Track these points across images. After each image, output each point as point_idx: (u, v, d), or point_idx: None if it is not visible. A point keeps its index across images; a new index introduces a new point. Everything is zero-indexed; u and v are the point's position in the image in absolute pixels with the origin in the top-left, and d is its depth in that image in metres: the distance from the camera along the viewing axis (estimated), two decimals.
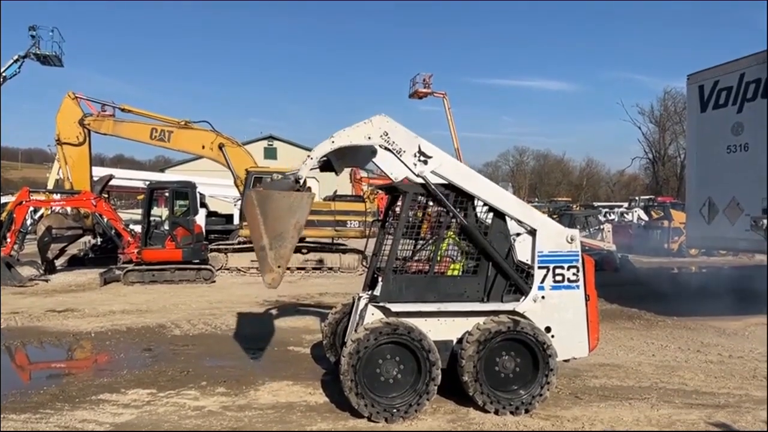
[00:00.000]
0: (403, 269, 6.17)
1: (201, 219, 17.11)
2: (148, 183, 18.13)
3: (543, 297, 5.93)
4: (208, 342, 8.84)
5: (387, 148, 5.77)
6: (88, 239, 19.20)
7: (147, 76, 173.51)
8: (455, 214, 5.85)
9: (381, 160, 5.82)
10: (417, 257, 6.53)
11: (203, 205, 20.01)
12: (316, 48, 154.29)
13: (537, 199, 66.09)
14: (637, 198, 47.37)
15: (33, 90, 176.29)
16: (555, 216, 22.24)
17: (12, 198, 21.94)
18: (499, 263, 5.87)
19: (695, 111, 12.37)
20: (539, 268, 5.96)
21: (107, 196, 21.36)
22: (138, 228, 16.40)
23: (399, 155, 5.79)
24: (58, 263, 17.38)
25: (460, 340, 5.78)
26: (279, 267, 5.46)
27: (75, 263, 18.24)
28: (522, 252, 5.99)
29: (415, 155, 5.81)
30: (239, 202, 19.47)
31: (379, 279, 6.06)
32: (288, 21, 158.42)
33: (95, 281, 14.52)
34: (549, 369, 5.65)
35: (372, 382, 5.49)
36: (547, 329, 5.87)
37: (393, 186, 6.61)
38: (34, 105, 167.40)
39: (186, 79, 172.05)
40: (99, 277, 14.54)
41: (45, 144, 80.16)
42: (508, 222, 5.99)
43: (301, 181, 5.70)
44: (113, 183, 21.66)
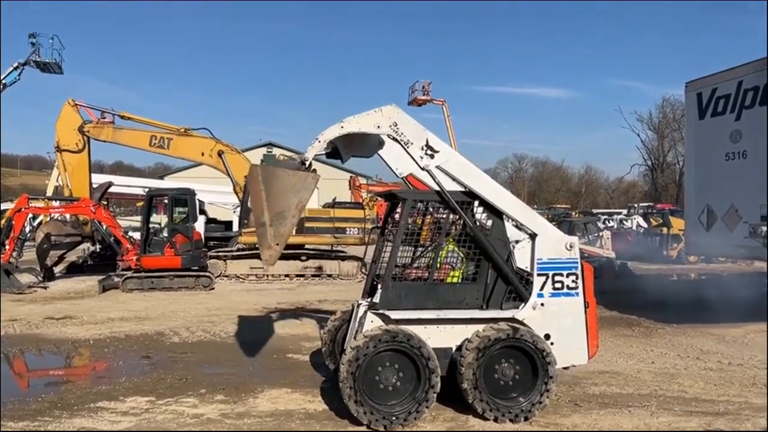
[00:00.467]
0: (403, 276, 6.17)
1: (200, 226, 17.11)
2: (147, 190, 18.15)
3: (542, 304, 5.93)
4: (207, 349, 8.82)
5: (395, 138, 5.78)
6: (87, 246, 19.18)
7: (147, 83, 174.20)
8: (459, 212, 5.81)
9: (387, 152, 5.83)
10: (416, 264, 6.52)
11: (202, 212, 20.04)
12: (315, 56, 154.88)
13: (536, 206, 65.88)
14: (636, 205, 47.53)
15: (32, 97, 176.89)
16: (554, 223, 22.22)
17: (11, 205, 21.90)
18: (501, 267, 5.86)
19: (693, 118, 12.40)
20: (538, 275, 5.96)
21: (106, 203, 21.41)
22: (137, 235, 16.41)
23: (406, 146, 5.79)
24: (56, 270, 17.36)
25: (459, 347, 5.77)
26: (278, 244, 5.47)
27: (74, 270, 18.21)
28: (520, 260, 5.99)
29: (423, 148, 5.82)
30: (238, 209, 19.48)
31: (379, 286, 6.06)
32: (288, 29, 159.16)
33: (94, 288, 14.49)
34: (548, 376, 5.64)
35: (371, 389, 5.47)
36: (547, 336, 5.86)
37: (392, 193, 6.62)
38: (33, 112, 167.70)
39: (185, 87, 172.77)
40: (98, 285, 14.51)
41: (44, 151, 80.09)
42: (507, 229, 6.00)
43: (307, 163, 5.68)
44: (112, 190, 21.71)
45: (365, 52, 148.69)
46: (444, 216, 6.07)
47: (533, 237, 6.00)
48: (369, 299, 6.28)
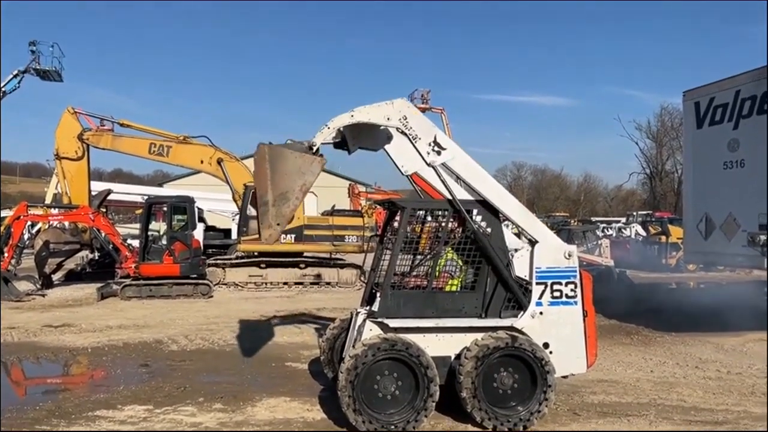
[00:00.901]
0: (402, 285, 6.17)
1: (199, 234, 17.12)
2: (146, 198, 18.20)
3: (541, 313, 5.93)
4: (205, 357, 8.80)
5: (403, 132, 5.81)
6: (85, 254, 19.15)
7: (147, 91, 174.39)
8: (462, 212, 5.82)
9: (394, 147, 5.85)
10: (415, 272, 6.52)
11: (201, 220, 20.06)
12: (315, 64, 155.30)
13: (535, 214, 65.93)
14: (635, 213, 47.56)
15: (32, 105, 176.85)
16: (553, 231, 22.23)
17: (10, 212, 21.92)
18: (502, 271, 5.86)
19: (691, 127, 12.46)
20: (537, 283, 5.96)
21: (105, 210, 21.39)
22: (136, 243, 16.38)
23: (414, 141, 5.81)
24: (55, 278, 17.33)
25: (458, 356, 5.77)
26: (278, 225, 5.49)
27: (72, 278, 18.21)
28: (519, 269, 6.00)
29: (430, 144, 5.84)
30: (237, 217, 19.48)
31: (378, 294, 6.06)
32: (288, 37, 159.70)
33: (92, 296, 14.46)
34: (547, 385, 5.64)
35: (370, 398, 5.46)
36: (545, 345, 5.86)
37: (391, 201, 6.63)
38: (33, 120, 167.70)
39: (185, 95, 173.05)
40: (96, 292, 14.48)
41: (43, 158, 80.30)
42: (506, 237, 6.01)
43: (314, 149, 5.68)
44: (111, 197, 21.69)
45: (366, 60, 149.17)
46: (443, 223, 6.07)
47: (533, 244, 6.01)
48: (368, 307, 6.28)
